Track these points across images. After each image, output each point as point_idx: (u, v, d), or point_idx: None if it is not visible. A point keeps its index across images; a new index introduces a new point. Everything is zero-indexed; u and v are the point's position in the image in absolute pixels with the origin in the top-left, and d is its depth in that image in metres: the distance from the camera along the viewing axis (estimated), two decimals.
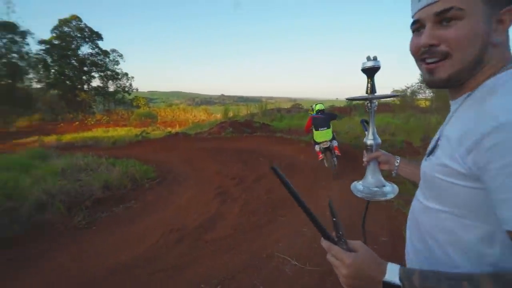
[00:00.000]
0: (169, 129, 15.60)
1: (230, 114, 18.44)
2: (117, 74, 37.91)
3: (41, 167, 4.84)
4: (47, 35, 34.14)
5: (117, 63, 37.79)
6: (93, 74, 36.48)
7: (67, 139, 14.60)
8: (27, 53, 31.81)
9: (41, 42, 32.11)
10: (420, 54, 0.55)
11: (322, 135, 4.65)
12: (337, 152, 4.62)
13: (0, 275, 2.47)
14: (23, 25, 31.95)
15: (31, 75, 32.85)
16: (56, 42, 32.66)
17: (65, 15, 33.78)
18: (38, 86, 33.91)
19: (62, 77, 33.60)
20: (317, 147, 4.72)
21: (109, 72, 37.20)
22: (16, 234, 3.02)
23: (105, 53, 36.48)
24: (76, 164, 5.02)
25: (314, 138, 4.77)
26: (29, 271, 2.49)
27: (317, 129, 4.70)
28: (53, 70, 33.23)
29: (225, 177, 5.08)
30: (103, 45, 37.76)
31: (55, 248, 2.88)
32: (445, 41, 0.50)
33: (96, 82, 37.80)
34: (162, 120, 22.79)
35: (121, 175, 4.62)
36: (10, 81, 30.25)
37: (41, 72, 33.00)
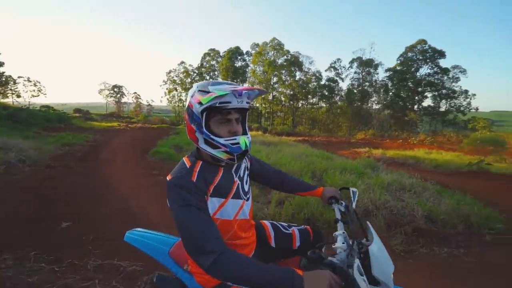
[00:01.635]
0: None
1: None
2: (454, 92, 34.33)
3: (371, 176, 5.43)
4: (392, 63, 39.52)
5: (456, 80, 34.22)
6: (426, 94, 36.29)
7: (390, 154, 15.75)
8: (375, 81, 39.26)
9: (387, 70, 37.79)
10: None
11: None
12: None
13: None
14: (378, 59, 39.74)
15: (373, 98, 40.25)
16: (398, 68, 36.64)
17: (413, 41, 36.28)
18: (377, 107, 40.72)
19: (397, 99, 37.12)
20: None
21: (444, 91, 34.83)
22: None
23: (444, 71, 34.42)
24: (400, 182, 4.99)
25: None
26: None
27: None
28: (390, 93, 37.91)
29: None
30: (444, 62, 35.60)
31: None
32: None
33: (427, 102, 37.40)
34: None
35: (451, 210, 3.78)
36: (359, 103, 39.27)
37: (381, 95, 39.13)
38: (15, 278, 2.19)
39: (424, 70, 35.88)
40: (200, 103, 0.96)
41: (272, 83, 40.54)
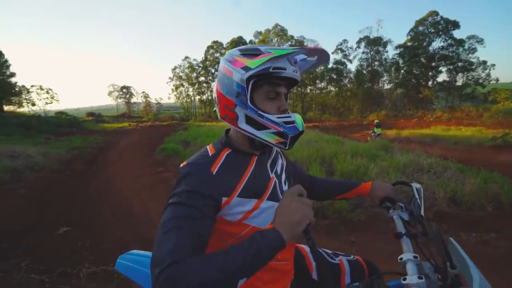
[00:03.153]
0: None
1: None
2: (471, 64, 32.44)
3: (385, 159, 5.06)
4: (402, 39, 37.71)
5: (473, 51, 32.26)
6: (440, 68, 34.55)
7: (405, 134, 15.11)
8: (385, 60, 37.69)
9: (397, 47, 36.11)
10: None
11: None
12: None
13: None
14: (386, 36, 38.05)
15: (384, 77, 38.77)
16: (409, 44, 34.92)
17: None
18: (388, 86, 39.25)
19: (409, 76, 35.57)
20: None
21: (460, 64, 32.98)
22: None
23: (459, 42, 32.51)
24: (418, 163, 4.61)
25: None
26: None
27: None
28: (402, 71, 36.34)
29: None
30: (459, 33, 33.60)
31: None
32: None
33: (442, 77, 35.61)
34: None
35: (477, 190, 3.40)
36: (369, 84, 37.94)
37: (392, 74, 37.60)
38: None
39: (437, 43, 34.04)
40: (247, 68, 0.72)
41: None
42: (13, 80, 33.34)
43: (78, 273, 2.32)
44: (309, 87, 41.11)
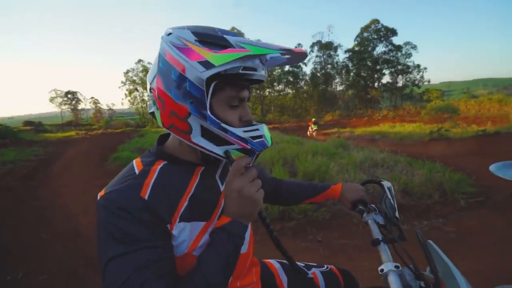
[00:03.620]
0: (474, 126, 11.77)
1: None
2: (408, 67, 36.46)
3: (343, 156, 5.31)
4: (351, 44, 40.82)
5: (409, 56, 36.27)
6: (384, 71, 38.14)
7: (358, 132, 16.23)
8: (336, 63, 40.33)
9: (346, 51, 38.94)
10: None
11: None
12: None
13: None
14: (336, 41, 40.74)
15: (337, 80, 41.44)
16: (356, 48, 37.94)
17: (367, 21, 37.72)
18: (340, 88, 42.05)
19: (358, 78, 38.60)
20: None
21: (399, 67, 36.82)
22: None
23: (398, 48, 36.29)
24: (372, 159, 4.91)
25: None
26: None
27: None
28: (352, 73, 39.28)
29: None
30: (397, 40, 37.65)
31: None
32: None
33: (386, 79, 39.38)
34: (464, 115, 18.13)
35: (425, 181, 3.72)
36: (324, 86, 40.19)
37: (343, 76, 40.41)
38: None
39: (380, 48, 37.62)
40: (208, 64, 0.53)
41: None
42: None
43: None
44: (268, 90, 41.95)
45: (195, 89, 0.54)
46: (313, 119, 17.14)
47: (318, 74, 40.01)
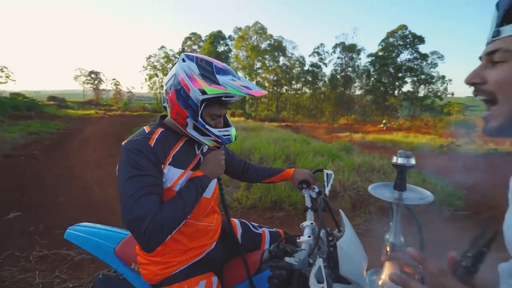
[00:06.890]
0: (491, 145, 11.49)
1: None
2: (432, 78, 35.28)
3: (343, 159, 5.47)
4: (374, 48, 39.87)
5: (434, 66, 35.06)
6: (406, 79, 37.08)
7: (369, 138, 16.10)
8: (357, 66, 39.57)
9: (369, 55, 38.07)
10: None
11: None
12: None
13: None
14: (360, 44, 40.03)
15: (356, 83, 40.73)
16: (380, 53, 37.00)
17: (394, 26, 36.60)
18: (359, 92, 41.29)
19: (378, 84, 37.72)
20: None
21: (423, 76, 35.71)
22: None
23: (424, 57, 35.14)
24: (371, 164, 5.06)
25: None
26: None
27: None
28: (372, 79, 38.42)
29: None
30: (424, 48, 36.37)
31: None
32: (488, 81, 0.46)
33: (407, 87, 38.28)
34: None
35: None
36: (342, 89, 39.62)
37: (363, 80, 39.62)
38: None
39: (405, 55, 36.46)
40: (204, 92, 0.86)
41: (255, 69, 39.91)
42: None
43: (27, 256, 2.30)
44: (285, 87, 41.85)
45: (193, 104, 0.89)
46: None
47: (338, 76, 39.43)
